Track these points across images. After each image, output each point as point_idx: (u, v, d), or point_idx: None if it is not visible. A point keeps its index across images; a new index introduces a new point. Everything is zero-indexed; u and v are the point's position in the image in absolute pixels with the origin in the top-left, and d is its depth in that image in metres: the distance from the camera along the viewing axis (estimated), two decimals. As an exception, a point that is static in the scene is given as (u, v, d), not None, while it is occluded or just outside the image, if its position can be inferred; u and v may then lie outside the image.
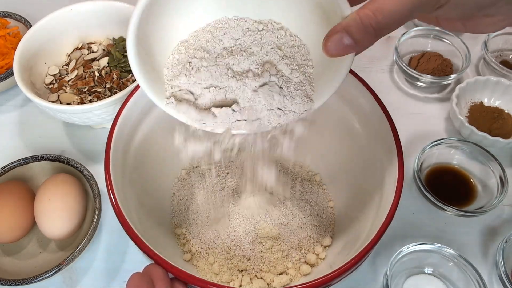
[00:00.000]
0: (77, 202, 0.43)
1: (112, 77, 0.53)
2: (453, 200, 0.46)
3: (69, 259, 0.40)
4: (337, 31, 0.25)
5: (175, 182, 0.47)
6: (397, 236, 0.46)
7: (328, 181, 0.48)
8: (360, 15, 0.24)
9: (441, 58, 0.60)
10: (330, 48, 0.25)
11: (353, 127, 0.43)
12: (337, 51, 0.26)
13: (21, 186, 0.45)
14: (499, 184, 0.47)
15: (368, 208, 0.38)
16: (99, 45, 0.58)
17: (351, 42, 0.25)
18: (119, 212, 0.32)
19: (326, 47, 0.26)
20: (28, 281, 0.39)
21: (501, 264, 0.41)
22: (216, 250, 0.41)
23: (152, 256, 0.30)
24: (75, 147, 0.55)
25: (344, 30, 0.25)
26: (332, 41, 0.25)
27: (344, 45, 0.25)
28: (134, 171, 0.40)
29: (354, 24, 0.24)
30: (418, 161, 0.48)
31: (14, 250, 0.45)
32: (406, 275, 0.43)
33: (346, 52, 0.26)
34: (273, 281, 0.40)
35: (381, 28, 0.24)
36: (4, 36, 0.60)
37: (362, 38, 0.24)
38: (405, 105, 0.59)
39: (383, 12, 0.23)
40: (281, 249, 0.42)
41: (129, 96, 0.39)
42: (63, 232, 0.42)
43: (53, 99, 0.52)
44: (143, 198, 0.41)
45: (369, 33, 0.24)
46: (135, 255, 0.46)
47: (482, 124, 0.53)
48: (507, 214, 0.49)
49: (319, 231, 0.43)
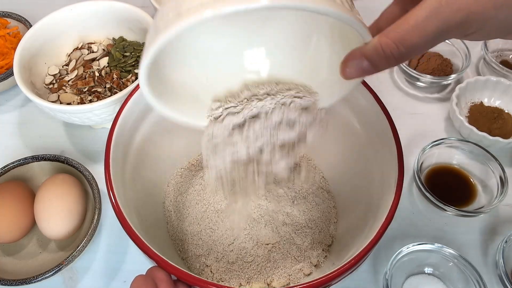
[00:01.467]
0: (77, 202, 0.43)
1: (112, 77, 0.53)
2: (453, 200, 0.46)
3: (69, 259, 0.40)
4: (356, 56, 0.25)
5: (175, 182, 0.47)
6: (397, 236, 0.46)
7: (328, 181, 0.48)
8: (382, 45, 0.23)
9: (441, 58, 0.60)
10: (348, 72, 0.25)
11: (353, 127, 0.43)
12: (355, 75, 0.25)
13: (21, 186, 0.45)
14: (499, 184, 0.47)
15: (368, 208, 0.38)
16: (99, 45, 0.58)
17: (370, 68, 0.24)
18: (119, 212, 0.32)
19: (344, 71, 0.25)
20: (28, 281, 0.39)
21: (501, 264, 0.41)
22: (215, 254, 0.42)
23: (152, 256, 0.30)
24: (75, 147, 0.55)
25: (364, 57, 0.24)
26: (350, 66, 0.25)
27: (362, 70, 0.25)
28: (134, 171, 0.40)
29: (375, 53, 0.24)
30: (418, 161, 0.48)
31: (14, 250, 0.45)
32: (406, 275, 0.43)
33: (363, 75, 0.25)
34: (273, 281, 0.40)
35: (403, 57, 0.23)
36: (4, 36, 0.60)
37: (383, 65, 0.24)
38: (405, 105, 0.59)
39: (406, 44, 0.22)
40: (282, 250, 0.42)
41: (129, 96, 0.39)
42: (63, 232, 0.42)
43: (53, 99, 0.52)
44: (143, 198, 0.41)
45: (389, 61, 0.24)
46: (135, 255, 0.46)
47: (482, 124, 0.53)
48: (507, 214, 0.49)
49: (320, 231, 0.43)
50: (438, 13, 0.21)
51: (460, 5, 0.21)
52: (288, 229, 0.43)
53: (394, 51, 0.23)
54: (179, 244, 0.43)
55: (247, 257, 0.41)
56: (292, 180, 0.39)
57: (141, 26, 0.55)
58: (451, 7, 0.21)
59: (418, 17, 0.22)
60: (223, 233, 0.43)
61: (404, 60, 0.24)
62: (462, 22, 0.22)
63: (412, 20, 0.22)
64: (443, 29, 0.22)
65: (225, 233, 0.43)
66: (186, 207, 0.45)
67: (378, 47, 0.23)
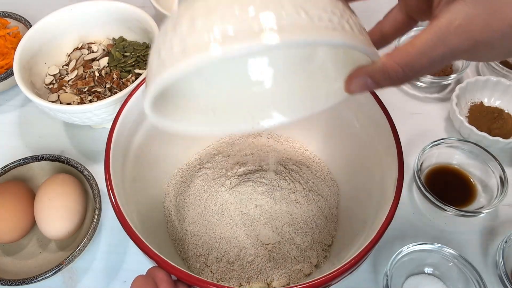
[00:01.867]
0: (77, 202, 0.43)
1: (112, 77, 0.53)
2: (453, 200, 0.46)
3: (69, 259, 0.40)
4: (362, 75, 0.25)
5: (175, 182, 0.47)
6: (397, 236, 0.46)
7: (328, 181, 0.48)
8: (388, 68, 0.23)
9: (441, 58, 0.60)
10: (352, 88, 0.26)
11: (353, 127, 0.43)
12: (358, 92, 0.26)
13: (21, 186, 0.45)
14: (499, 184, 0.47)
15: (368, 208, 0.38)
16: (99, 45, 0.58)
17: (374, 86, 0.25)
18: (119, 212, 0.32)
19: (348, 88, 0.26)
20: (28, 281, 0.39)
21: (501, 264, 0.41)
22: (215, 254, 0.42)
23: (152, 256, 0.30)
24: (75, 147, 0.55)
25: (369, 76, 0.24)
26: (355, 83, 0.25)
27: (366, 87, 0.25)
28: (134, 171, 0.40)
29: (380, 74, 0.24)
30: (418, 161, 0.48)
31: (14, 250, 0.45)
32: (406, 275, 0.43)
33: (367, 91, 0.26)
34: (273, 281, 0.40)
35: (408, 79, 0.23)
36: (4, 36, 0.60)
37: (387, 85, 0.24)
38: (405, 105, 0.59)
39: (412, 68, 0.23)
40: (282, 250, 0.42)
41: (129, 96, 0.39)
42: (63, 232, 0.42)
43: (53, 99, 0.52)
44: (143, 197, 0.41)
45: (394, 82, 0.24)
46: (135, 255, 0.46)
47: (482, 124, 0.53)
48: (507, 214, 0.49)
49: (320, 231, 0.43)
50: (446, 40, 0.22)
51: (468, 34, 0.21)
52: (288, 229, 0.43)
53: (400, 74, 0.23)
54: (179, 244, 0.43)
55: (247, 257, 0.41)
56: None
57: (141, 26, 0.55)
58: (459, 36, 0.21)
59: (425, 43, 0.22)
60: (223, 233, 0.43)
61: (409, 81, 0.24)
62: (470, 49, 0.22)
63: (418, 44, 0.22)
64: (450, 55, 0.22)
65: (225, 233, 0.43)
66: (186, 207, 0.45)
67: (385, 69, 0.24)
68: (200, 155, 0.50)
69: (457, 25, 0.21)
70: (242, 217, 0.43)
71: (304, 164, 0.49)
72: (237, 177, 0.46)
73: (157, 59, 0.23)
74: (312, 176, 0.47)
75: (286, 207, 0.44)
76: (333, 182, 0.47)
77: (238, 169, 0.47)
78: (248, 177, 0.46)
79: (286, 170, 0.47)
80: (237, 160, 0.49)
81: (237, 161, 0.49)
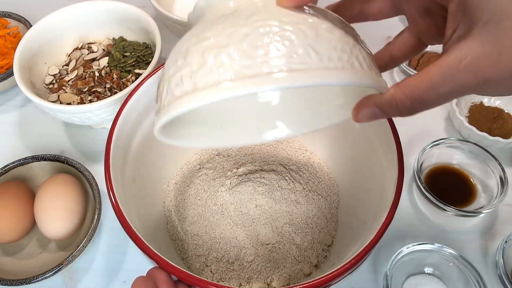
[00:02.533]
0: (77, 202, 0.43)
1: (112, 77, 0.53)
2: (453, 200, 0.46)
3: (69, 259, 0.40)
4: (369, 105, 0.25)
5: (175, 182, 0.47)
6: (397, 236, 0.46)
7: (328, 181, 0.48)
8: (397, 100, 0.23)
9: (441, 58, 0.60)
10: (359, 117, 0.26)
11: (353, 127, 0.43)
12: (366, 121, 0.26)
13: (21, 186, 0.45)
14: (499, 184, 0.47)
15: (368, 208, 0.38)
16: (99, 45, 0.58)
17: (381, 115, 0.25)
18: (119, 212, 0.32)
19: (356, 116, 0.26)
20: (28, 281, 0.39)
21: (501, 264, 0.41)
22: (215, 254, 0.42)
23: (152, 256, 0.30)
24: (75, 147, 0.55)
25: (377, 107, 0.25)
26: (363, 113, 0.26)
27: (374, 116, 0.26)
28: (134, 171, 0.40)
29: (388, 105, 0.24)
30: (418, 161, 0.48)
31: (14, 250, 0.45)
32: (406, 275, 0.43)
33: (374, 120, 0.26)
34: (273, 281, 0.40)
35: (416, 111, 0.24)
36: (4, 36, 0.60)
37: (394, 115, 0.25)
38: (405, 105, 0.59)
39: (421, 102, 0.23)
40: (282, 250, 0.42)
41: (129, 96, 0.39)
42: (63, 232, 0.42)
43: (53, 99, 0.52)
44: (143, 198, 0.41)
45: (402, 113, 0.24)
46: (135, 255, 0.46)
47: (482, 124, 0.53)
48: (507, 214, 0.49)
49: (320, 231, 0.43)
50: (455, 76, 0.22)
51: (477, 72, 0.21)
52: (288, 229, 0.43)
53: (408, 107, 0.23)
54: (179, 244, 0.43)
55: (247, 257, 0.41)
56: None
57: (141, 26, 0.55)
58: (469, 73, 0.21)
59: (434, 78, 0.22)
60: (223, 233, 0.43)
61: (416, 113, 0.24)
62: (478, 86, 0.22)
63: (427, 79, 0.22)
64: (458, 91, 0.22)
65: (225, 233, 0.43)
66: (186, 207, 0.45)
67: (393, 101, 0.24)
68: (200, 155, 0.50)
69: (466, 62, 0.21)
70: (242, 217, 0.43)
71: (304, 164, 0.49)
72: (237, 177, 0.46)
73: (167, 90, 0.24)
74: (312, 176, 0.47)
75: (286, 207, 0.44)
76: (333, 182, 0.47)
77: (238, 169, 0.47)
78: (248, 177, 0.46)
79: (286, 170, 0.47)
80: (237, 160, 0.49)
81: (237, 161, 0.49)
